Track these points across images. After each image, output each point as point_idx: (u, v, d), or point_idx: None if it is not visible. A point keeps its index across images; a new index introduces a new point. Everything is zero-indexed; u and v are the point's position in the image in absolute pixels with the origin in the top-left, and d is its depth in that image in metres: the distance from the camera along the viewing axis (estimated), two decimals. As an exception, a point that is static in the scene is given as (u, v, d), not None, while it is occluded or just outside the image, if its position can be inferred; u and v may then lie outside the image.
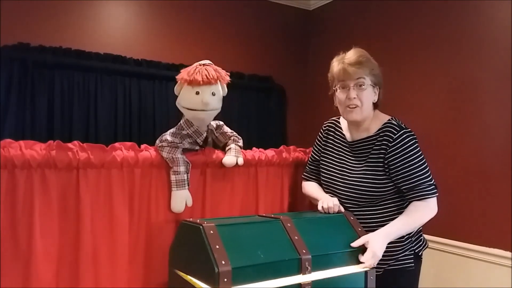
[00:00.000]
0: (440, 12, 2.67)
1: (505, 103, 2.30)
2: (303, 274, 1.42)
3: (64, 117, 2.69)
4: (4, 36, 2.54)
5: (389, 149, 1.66)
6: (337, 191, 1.78)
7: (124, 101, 2.92)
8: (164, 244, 1.65)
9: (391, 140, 1.66)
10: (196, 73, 1.69)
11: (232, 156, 1.82)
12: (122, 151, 1.64)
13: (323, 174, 1.86)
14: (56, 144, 1.50)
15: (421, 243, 1.78)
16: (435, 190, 1.66)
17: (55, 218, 1.50)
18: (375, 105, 1.75)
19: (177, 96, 1.78)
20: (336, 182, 1.79)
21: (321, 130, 1.94)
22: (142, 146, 1.73)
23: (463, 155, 2.50)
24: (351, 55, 1.70)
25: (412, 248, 1.74)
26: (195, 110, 1.71)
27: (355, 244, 1.55)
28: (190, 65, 3.20)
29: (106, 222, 1.60)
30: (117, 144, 1.66)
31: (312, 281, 1.43)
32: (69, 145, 1.53)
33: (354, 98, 1.67)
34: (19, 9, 2.65)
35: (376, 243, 1.55)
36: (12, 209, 1.43)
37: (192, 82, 1.68)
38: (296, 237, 1.48)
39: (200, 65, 1.73)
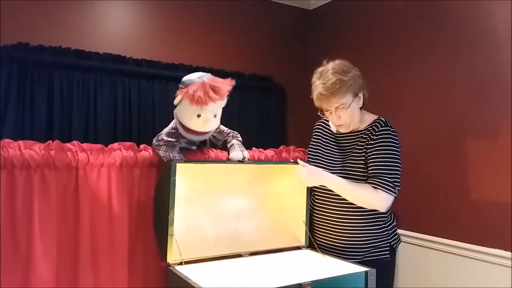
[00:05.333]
0: (440, 12, 2.67)
1: (505, 102, 2.30)
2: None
3: (63, 117, 2.68)
4: (4, 36, 2.53)
5: (371, 140, 1.78)
6: None
7: (123, 101, 2.91)
8: (163, 244, 1.65)
9: (375, 132, 1.78)
10: (199, 94, 1.62)
11: (238, 151, 1.83)
12: (121, 151, 1.64)
13: (311, 164, 1.93)
14: (56, 144, 1.50)
15: (396, 237, 1.89)
16: (389, 188, 1.70)
17: (54, 218, 1.50)
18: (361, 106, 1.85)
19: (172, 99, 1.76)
20: (327, 170, 1.85)
21: (313, 130, 2.08)
22: (141, 146, 1.73)
23: (464, 155, 2.49)
24: (326, 81, 1.73)
25: (388, 241, 1.84)
26: (194, 132, 1.72)
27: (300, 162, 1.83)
28: (190, 65, 3.23)
29: (105, 222, 1.59)
30: (116, 144, 1.66)
31: (312, 281, 1.43)
32: (69, 145, 1.53)
33: (339, 119, 1.79)
34: (19, 9, 2.64)
35: (312, 170, 1.78)
36: (11, 209, 1.43)
37: (193, 102, 1.63)
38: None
39: (203, 83, 1.64)
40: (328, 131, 1.98)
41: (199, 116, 1.67)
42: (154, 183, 1.71)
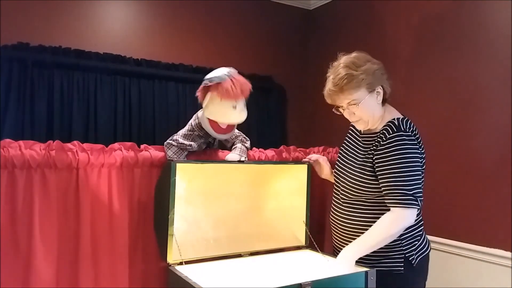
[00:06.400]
0: (440, 12, 2.67)
1: (505, 102, 2.30)
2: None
3: (63, 117, 2.69)
4: (4, 36, 2.53)
5: (379, 147, 1.62)
6: (340, 177, 1.79)
7: (123, 101, 2.92)
8: (164, 244, 1.65)
9: (384, 139, 1.62)
10: (234, 90, 1.66)
11: (236, 154, 1.82)
12: (122, 151, 1.64)
13: (336, 163, 1.87)
14: (56, 144, 1.50)
15: (413, 248, 1.68)
16: (411, 202, 1.55)
17: (55, 218, 1.49)
18: (383, 100, 1.70)
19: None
20: (341, 170, 1.80)
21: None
22: (142, 146, 1.73)
23: (464, 155, 2.50)
24: (335, 76, 1.64)
25: (402, 252, 1.66)
26: (223, 130, 1.75)
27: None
28: (190, 65, 3.23)
29: (105, 222, 1.59)
30: (116, 144, 1.66)
31: (312, 281, 1.43)
32: (69, 145, 1.53)
33: (353, 115, 1.67)
34: (19, 9, 2.64)
35: (341, 255, 1.62)
36: (12, 209, 1.43)
37: (229, 97, 1.66)
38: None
39: (232, 78, 1.68)
40: (356, 131, 1.84)
41: (235, 107, 1.70)
42: (154, 183, 1.71)
